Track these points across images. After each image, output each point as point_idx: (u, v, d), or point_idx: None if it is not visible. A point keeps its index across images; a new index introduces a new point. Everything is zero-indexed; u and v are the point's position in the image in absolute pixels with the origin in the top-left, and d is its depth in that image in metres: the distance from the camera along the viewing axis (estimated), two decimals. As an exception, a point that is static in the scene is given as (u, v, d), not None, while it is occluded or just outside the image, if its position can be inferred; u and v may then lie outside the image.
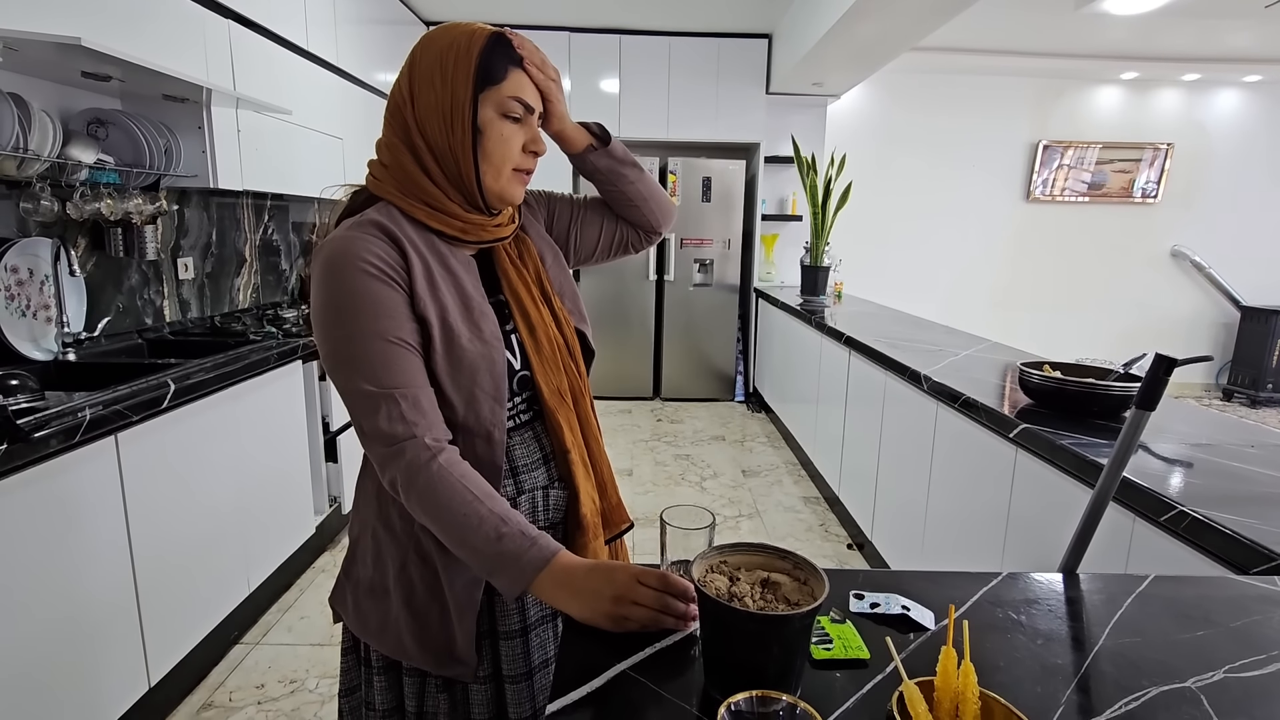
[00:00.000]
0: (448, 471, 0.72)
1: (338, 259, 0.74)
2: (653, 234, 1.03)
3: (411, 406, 0.73)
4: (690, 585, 0.65)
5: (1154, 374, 0.77)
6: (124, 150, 2.02)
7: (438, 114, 0.77)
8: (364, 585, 0.87)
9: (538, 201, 0.99)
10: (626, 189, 0.96)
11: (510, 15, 4.38)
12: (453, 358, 0.77)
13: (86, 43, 1.47)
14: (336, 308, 0.74)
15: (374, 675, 0.88)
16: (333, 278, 0.74)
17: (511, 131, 0.79)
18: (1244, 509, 1.08)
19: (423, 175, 0.79)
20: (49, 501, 1.36)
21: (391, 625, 0.85)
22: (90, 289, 2.07)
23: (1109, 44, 4.67)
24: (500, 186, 0.81)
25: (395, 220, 0.79)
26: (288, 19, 2.68)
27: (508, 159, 0.80)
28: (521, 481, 0.86)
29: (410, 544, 0.84)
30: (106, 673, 1.52)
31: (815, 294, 4.33)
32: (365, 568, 0.88)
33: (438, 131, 0.77)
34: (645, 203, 0.98)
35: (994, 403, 1.72)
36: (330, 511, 2.61)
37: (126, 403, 1.52)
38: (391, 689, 0.88)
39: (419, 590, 0.83)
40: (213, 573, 1.91)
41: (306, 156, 2.84)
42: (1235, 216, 5.73)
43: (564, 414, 0.87)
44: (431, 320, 0.76)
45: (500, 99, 0.78)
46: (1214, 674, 0.64)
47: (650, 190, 0.99)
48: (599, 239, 1.01)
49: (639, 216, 0.99)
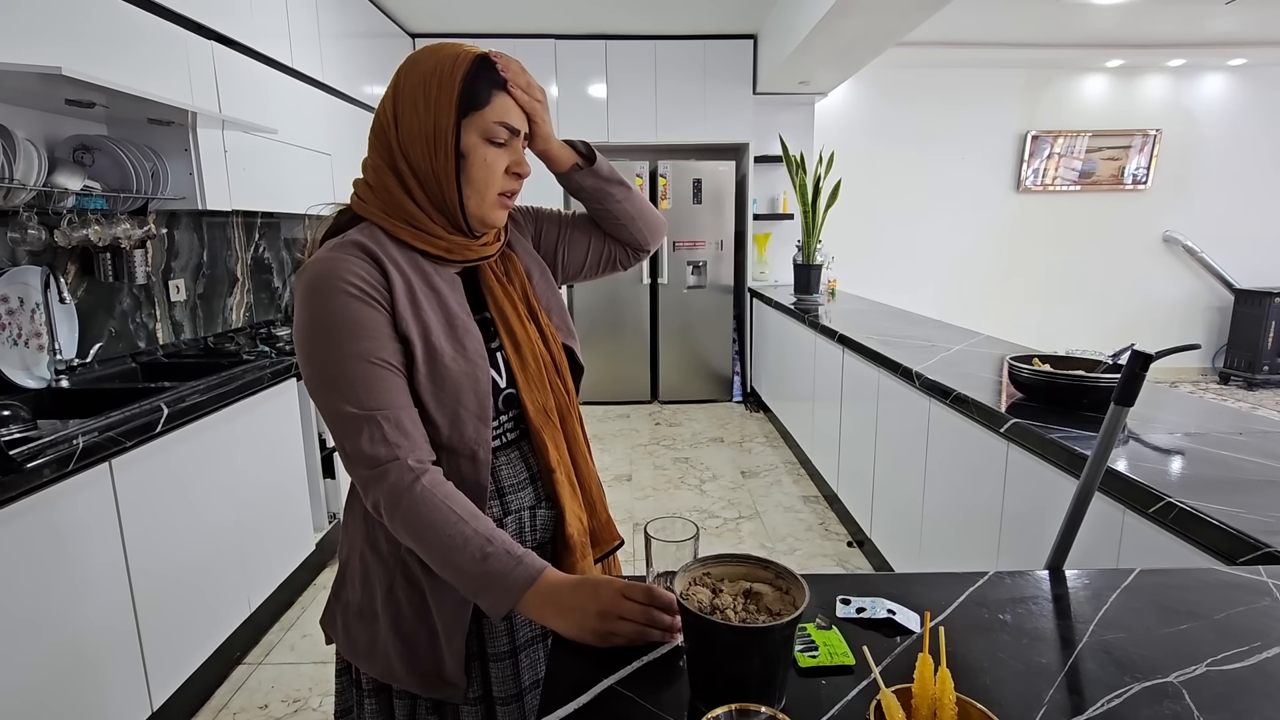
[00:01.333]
0: (431, 493, 0.72)
1: (319, 280, 0.74)
2: (640, 252, 1.03)
3: (394, 428, 0.73)
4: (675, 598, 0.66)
5: (1131, 370, 0.78)
6: (111, 175, 2.02)
7: (421, 138, 0.77)
8: (353, 608, 0.87)
9: (525, 218, 0.99)
10: (613, 207, 0.96)
11: (496, 24, 4.39)
12: (436, 376, 0.77)
13: (67, 72, 1.48)
14: (318, 328, 0.74)
15: (365, 697, 0.88)
16: (315, 299, 0.74)
17: (495, 156, 0.79)
18: (1232, 497, 1.08)
19: (406, 197, 0.79)
20: (44, 531, 1.36)
21: (380, 648, 0.84)
22: (81, 315, 2.07)
23: (1093, 32, 4.69)
24: (483, 211, 0.81)
25: (378, 240, 0.79)
26: (271, 37, 2.68)
27: (491, 183, 0.80)
28: (508, 502, 0.85)
29: (397, 567, 0.83)
30: (108, 699, 1.53)
31: (809, 292, 4.34)
32: (354, 590, 0.87)
33: (421, 156, 0.78)
34: (632, 221, 0.98)
35: (987, 397, 1.72)
36: (330, 528, 2.61)
37: (120, 429, 1.52)
38: (383, 711, 0.88)
39: (407, 613, 0.83)
40: (213, 594, 1.91)
41: (295, 174, 2.84)
42: (1226, 200, 5.75)
43: (550, 432, 0.86)
44: (414, 339, 0.76)
45: (484, 124, 0.78)
46: (1196, 668, 0.64)
47: (638, 209, 0.98)
48: (586, 256, 1.01)
49: (626, 234, 0.99)
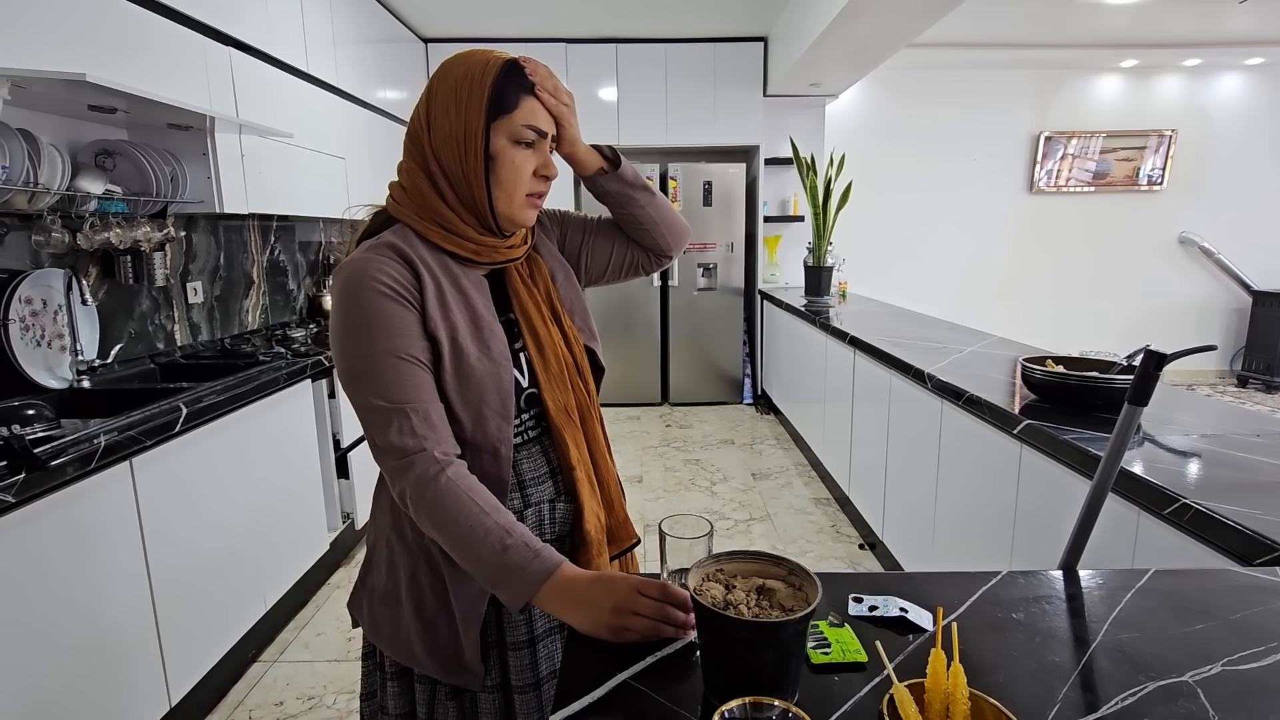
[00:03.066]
0: (455, 484, 0.75)
1: (354, 280, 0.78)
2: (663, 258, 1.04)
3: (421, 421, 0.76)
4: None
5: (1144, 370, 0.78)
6: (131, 180, 2.06)
7: (452, 142, 0.80)
8: (378, 593, 0.90)
9: (552, 221, 1.01)
10: (636, 212, 0.98)
11: (508, 29, 4.42)
12: (461, 375, 0.80)
13: (91, 78, 1.51)
14: (352, 326, 0.77)
15: (388, 680, 0.91)
16: (349, 298, 0.78)
17: (524, 158, 0.82)
18: (1249, 499, 1.08)
19: (438, 199, 0.82)
20: (67, 527, 1.38)
21: (403, 633, 0.87)
22: (102, 317, 2.11)
23: (1107, 32, 4.65)
24: (512, 211, 0.84)
25: (410, 242, 0.82)
26: (287, 42, 2.72)
27: (519, 185, 0.83)
28: (529, 495, 0.88)
29: (421, 554, 0.86)
30: (129, 694, 1.55)
31: (819, 294, 4.33)
32: (380, 576, 0.91)
33: (452, 158, 0.81)
34: (655, 226, 0.99)
35: (999, 399, 1.72)
36: (344, 528, 2.64)
37: (140, 428, 1.55)
38: (404, 694, 0.91)
39: (429, 600, 0.86)
40: (229, 591, 1.94)
41: (309, 178, 2.88)
42: (1243, 200, 5.68)
43: (570, 431, 0.89)
44: (442, 339, 0.79)
45: (513, 127, 0.81)
46: (1212, 667, 0.64)
47: (661, 214, 0.99)
48: (609, 260, 1.02)
49: (649, 239, 1.00)
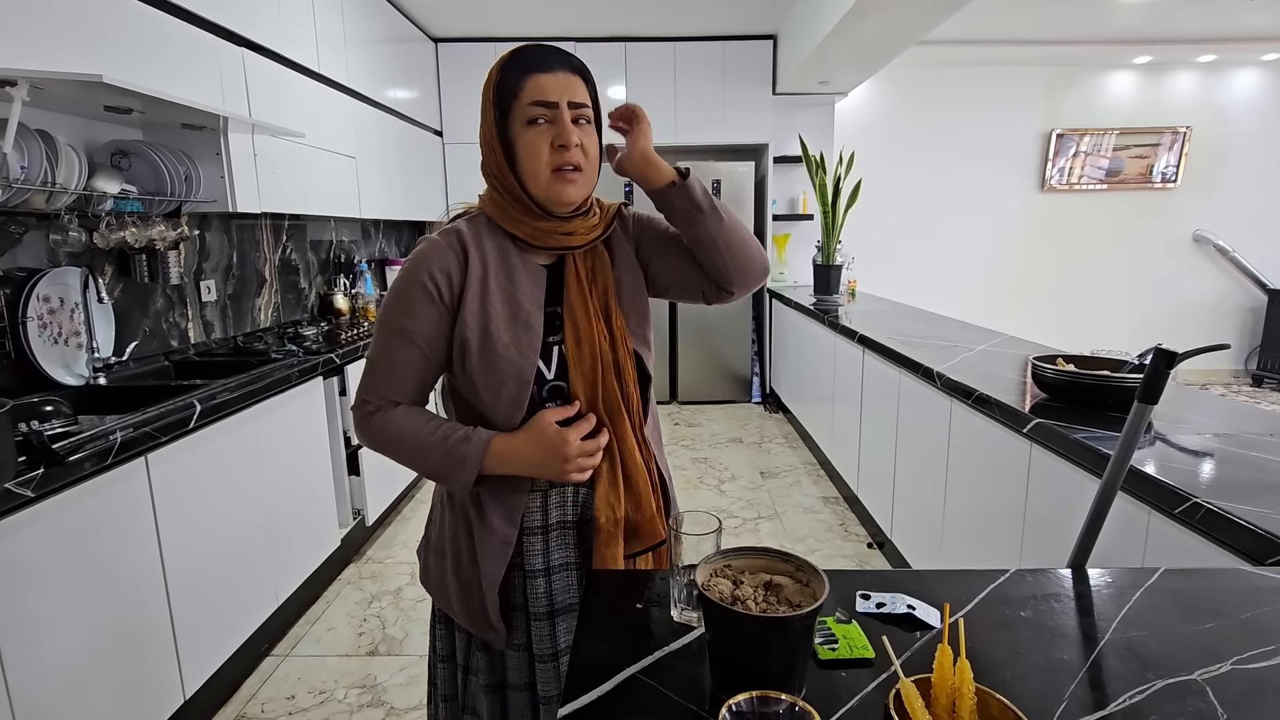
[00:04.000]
0: (393, 414, 0.90)
1: (413, 260, 0.90)
2: (724, 291, 0.98)
3: (387, 385, 0.91)
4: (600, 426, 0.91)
5: (1155, 367, 0.78)
6: (146, 179, 2.08)
7: (485, 145, 0.90)
8: (433, 545, 1.02)
9: (636, 224, 1.01)
10: (698, 233, 0.93)
11: (517, 28, 4.43)
12: (488, 360, 0.88)
13: (108, 79, 1.53)
14: (391, 292, 0.91)
15: (437, 623, 1.05)
16: (403, 271, 0.91)
17: (537, 136, 0.85)
18: (1261, 498, 1.07)
19: (497, 195, 0.92)
20: (84, 522, 1.41)
21: (445, 583, 0.98)
22: (118, 315, 2.14)
23: (1120, 28, 4.61)
24: (544, 190, 0.87)
25: (477, 228, 0.91)
26: (299, 42, 2.74)
27: (539, 163, 0.86)
28: None
29: (461, 516, 0.95)
30: (144, 686, 1.57)
31: (829, 293, 4.32)
32: (436, 529, 1.02)
33: (489, 158, 0.91)
34: (718, 251, 0.93)
35: (1009, 398, 1.71)
36: (354, 525, 2.66)
37: (155, 424, 1.57)
38: (447, 640, 1.03)
39: (464, 557, 0.95)
40: (242, 586, 1.96)
41: (320, 177, 2.90)
42: (1259, 198, 5.62)
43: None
44: (473, 326, 0.88)
45: (521, 109, 0.85)
46: (1221, 666, 0.64)
47: (727, 239, 0.93)
48: (671, 276, 0.99)
49: (711, 265, 0.95)
